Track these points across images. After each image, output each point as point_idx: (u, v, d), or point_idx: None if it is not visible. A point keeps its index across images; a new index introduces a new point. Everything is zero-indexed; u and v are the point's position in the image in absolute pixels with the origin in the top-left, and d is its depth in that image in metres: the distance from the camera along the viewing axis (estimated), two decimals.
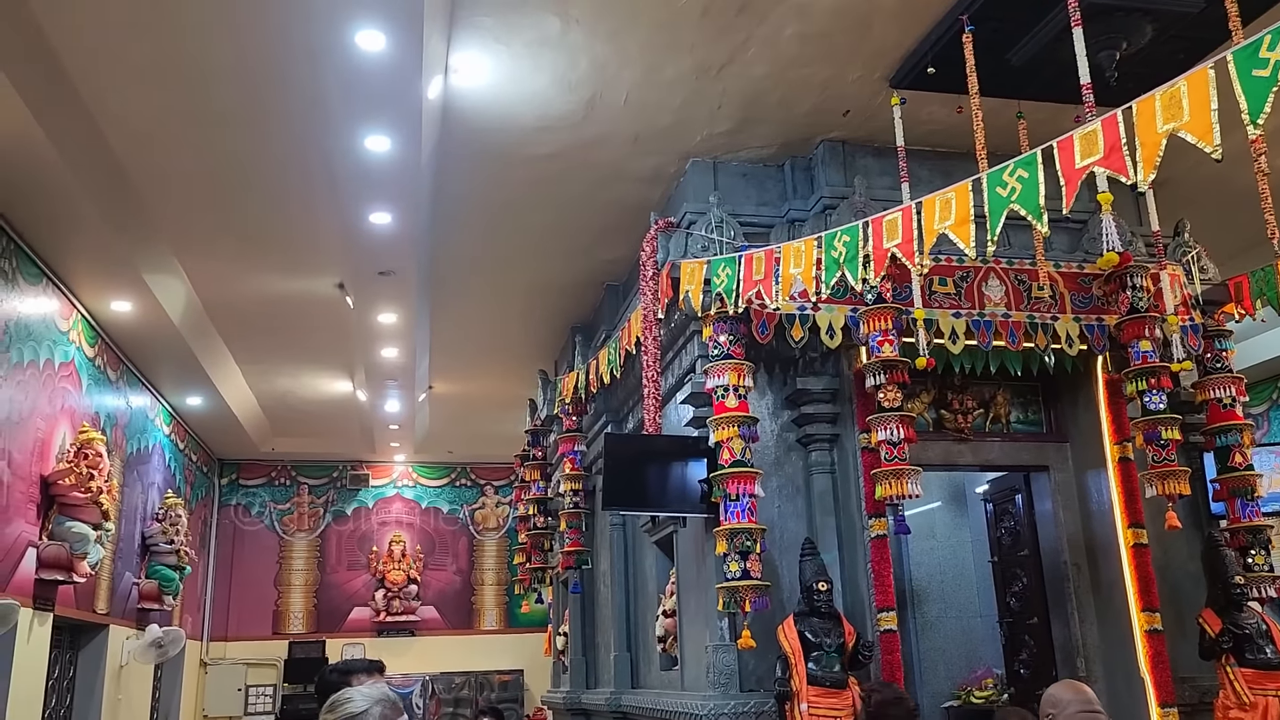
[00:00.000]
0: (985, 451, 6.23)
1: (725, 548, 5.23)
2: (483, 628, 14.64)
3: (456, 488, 15.17)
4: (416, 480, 15.06)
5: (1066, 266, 5.93)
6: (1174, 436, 5.52)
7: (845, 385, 5.82)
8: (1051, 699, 3.15)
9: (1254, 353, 10.31)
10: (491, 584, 14.85)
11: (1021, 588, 6.54)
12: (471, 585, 14.80)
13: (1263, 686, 5.40)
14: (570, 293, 8.72)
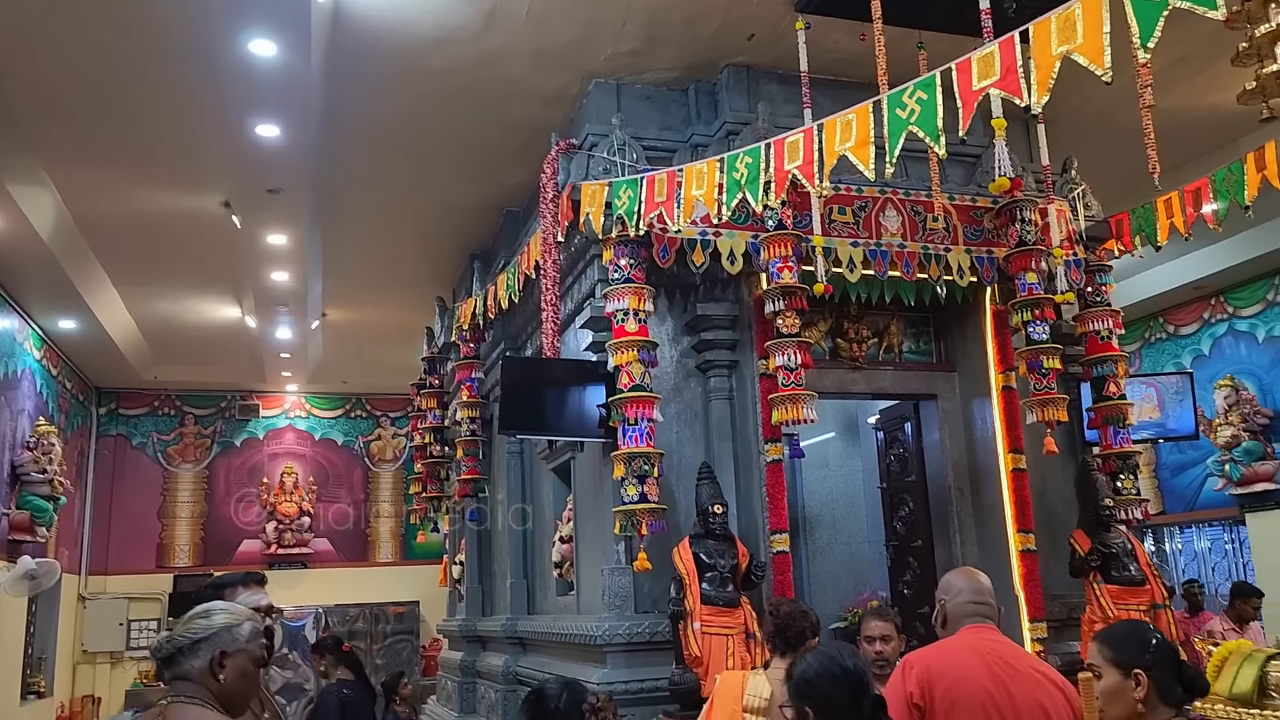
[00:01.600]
0: (878, 380, 6.37)
1: (623, 472, 5.25)
2: (378, 560, 14.51)
3: (351, 419, 14.87)
4: (309, 411, 14.70)
5: (960, 199, 6.04)
6: (1055, 366, 5.74)
7: (745, 312, 5.85)
8: (946, 584, 3.12)
9: (1129, 293, 10.79)
10: (387, 516, 14.69)
11: (908, 512, 6.76)
12: (367, 517, 14.62)
13: (1125, 602, 5.71)
14: (469, 218, 8.52)
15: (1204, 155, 7.42)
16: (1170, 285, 10.86)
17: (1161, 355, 11.58)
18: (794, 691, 2.24)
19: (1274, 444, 10.30)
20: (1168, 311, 11.61)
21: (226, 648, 2.21)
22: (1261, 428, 10.36)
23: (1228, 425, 10.51)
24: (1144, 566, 5.90)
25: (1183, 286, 10.83)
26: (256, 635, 2.29)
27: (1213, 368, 10.95)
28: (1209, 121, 7.23)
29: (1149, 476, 11.64)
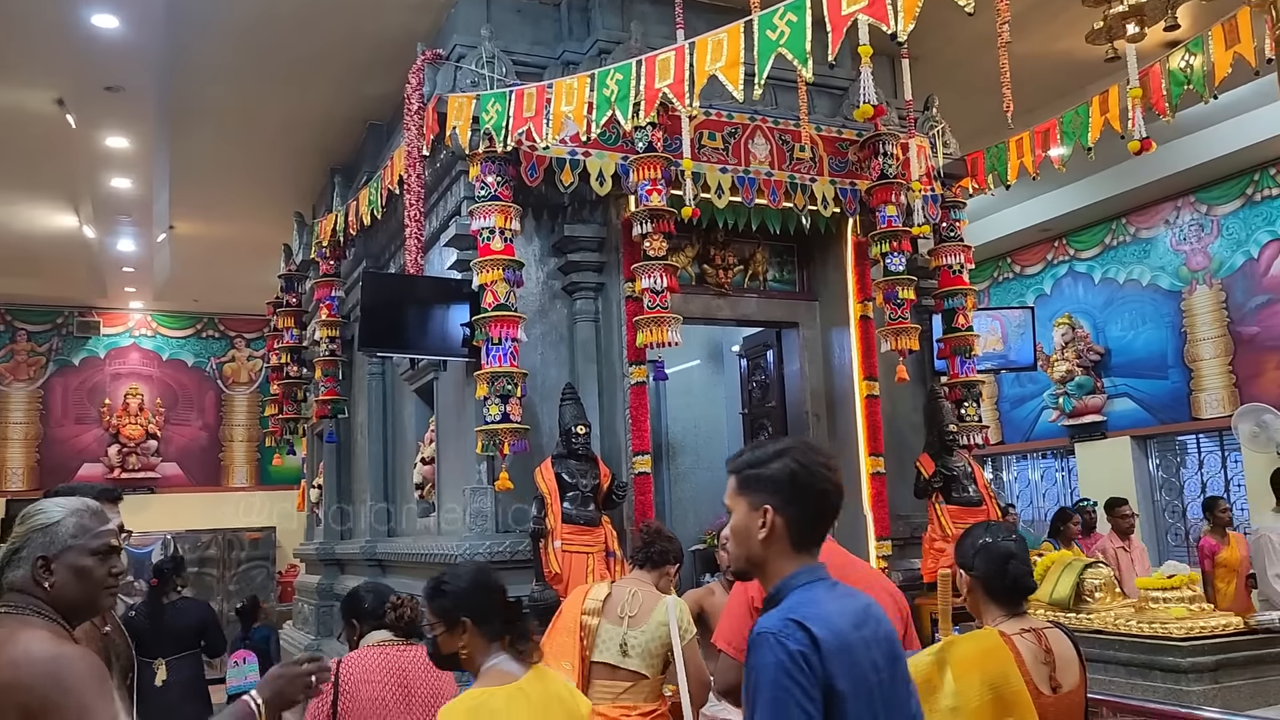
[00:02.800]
0: (743, 307, 6.47)
1: (486, 391, 5.20)
2: (232, 484, 14.05)
3: (203, 339, 14.22)
4: (157, 330, 13.98)
5: (827, 130, 6.13)
6: (909, 297, 5.96)
7: (613, 234, 5.83)
8: None
9: (981, 233, 11.27)
10: (241, 440, 14.20)
11: (767, 437, 6.93)
12: (220, 441, 14.10)
13: (964, 521, 6.01)
14: (330, 129, 8.16)
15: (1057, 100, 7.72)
16: (1018, 227, 11.41)
17: (1008, 294, 12.20)
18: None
19: (1103, 379, 11.05)
20: (1015, 252, 12.21)
21: (47, 551, 1.98)
22: (1093, 364, 11.09)
23: (1063, 361, 11.21)
24: (982, 489, 6.26)
25: (1030, 228, 11.39)
26: (85, 530, 2.03)
27: (1053, 306, 11.61)
28: (1063, 66, 7.52)
29: (991, 408, 12.33)
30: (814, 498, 1.79)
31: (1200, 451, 10.49)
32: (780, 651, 1.60)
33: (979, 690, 2.13)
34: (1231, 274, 9.82)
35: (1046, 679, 2.23)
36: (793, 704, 1.57)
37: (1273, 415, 8.78)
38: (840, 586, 1.81)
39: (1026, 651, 2.24)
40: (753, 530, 1.77)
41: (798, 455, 1.80)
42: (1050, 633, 2.34)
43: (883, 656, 1.72)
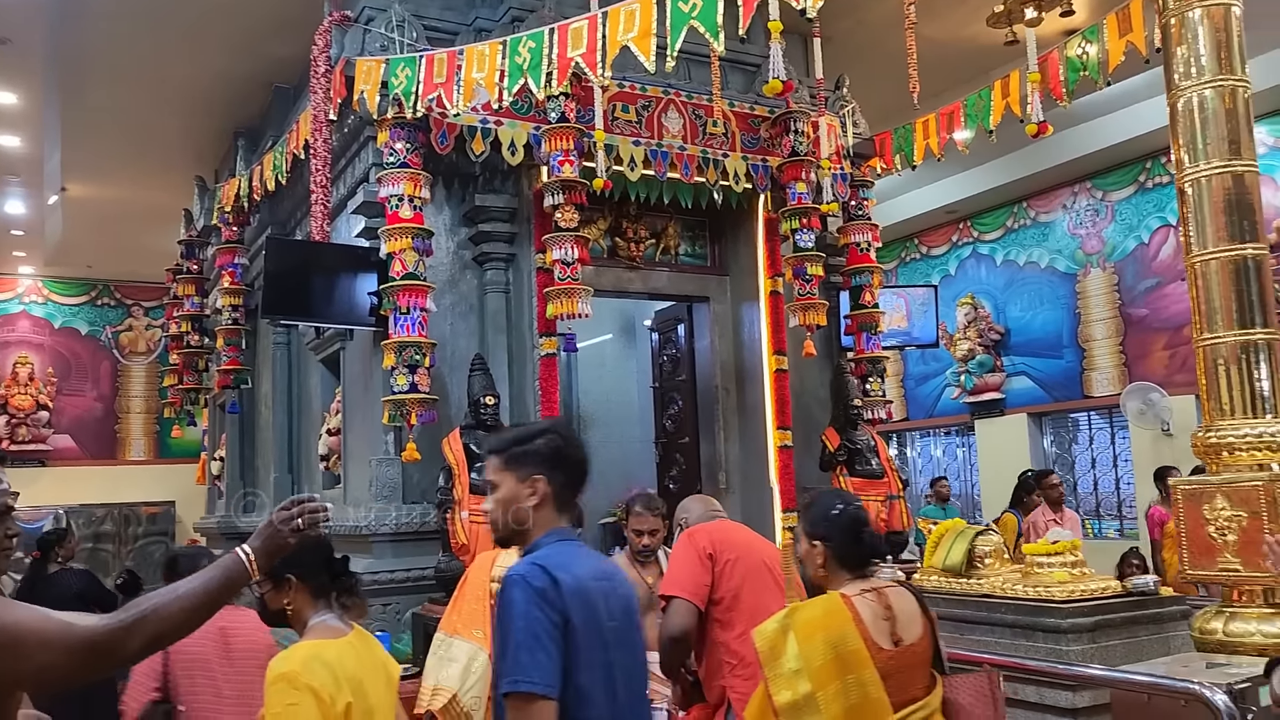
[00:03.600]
0: (654, 281, 6.51)
1: (393, 361, 5.14)
2: (129, 458, 13.58)
3: (98, 307, 13.68)
4: (48, 297, 13.39)
5: (740, 106, 6.18)
6: (817, 273, 6.07)
7: (524, 205, 5.79)
8: (684, 508, 3.64)
9: (890, 214, 11.51)
10: (139, 412, 13.73)
11: (677, 410, 7.02)
12: (115, 413, 13.60)
13: (866, 492, 6.21)
14: (234, 91, 7.90)
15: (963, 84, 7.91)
16: (925, 208, 11.68)
17: (915, 274, 12.49)
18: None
19: (1003, 358, 11.42)
20: (922, 233, 12.50)
21: None
22: (994, 343, 11.45)
23: (965, 339, 11.55)
24: (884, 461, 6.44)
25: (936, 210, 11.68)
26: None
27: (957, 286, 11.94)
28: (969, 51, 7.70)
29: (896, 385, 12.64)
30: (573, 468, 2.08)
31: (1091, 428, 10.95)
32: (528, 588, 1.86)
33: (821, 651, 2.28)
34: (1123, 258, 10.23)
35: (888, 634, 2.35)
36: (540, 628, 1.83)
37: (1158, 394, 9.21)
38: (585, 548, 2.10)
39: (866, 611, 2.36)
40: (522, 498, 2.02)
41: (559, 432, 2.10)
42: (891, 591, 2.45)
43: (618, 608, 2.01)
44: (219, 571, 1.83)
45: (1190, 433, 3.68)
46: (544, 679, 1.81)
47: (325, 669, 2.18)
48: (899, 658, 2.33)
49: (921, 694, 2.36)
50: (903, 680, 2.33)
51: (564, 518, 2.06)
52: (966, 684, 2.48)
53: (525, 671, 1.80)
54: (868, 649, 2.29)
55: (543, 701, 1.81)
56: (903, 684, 2.33)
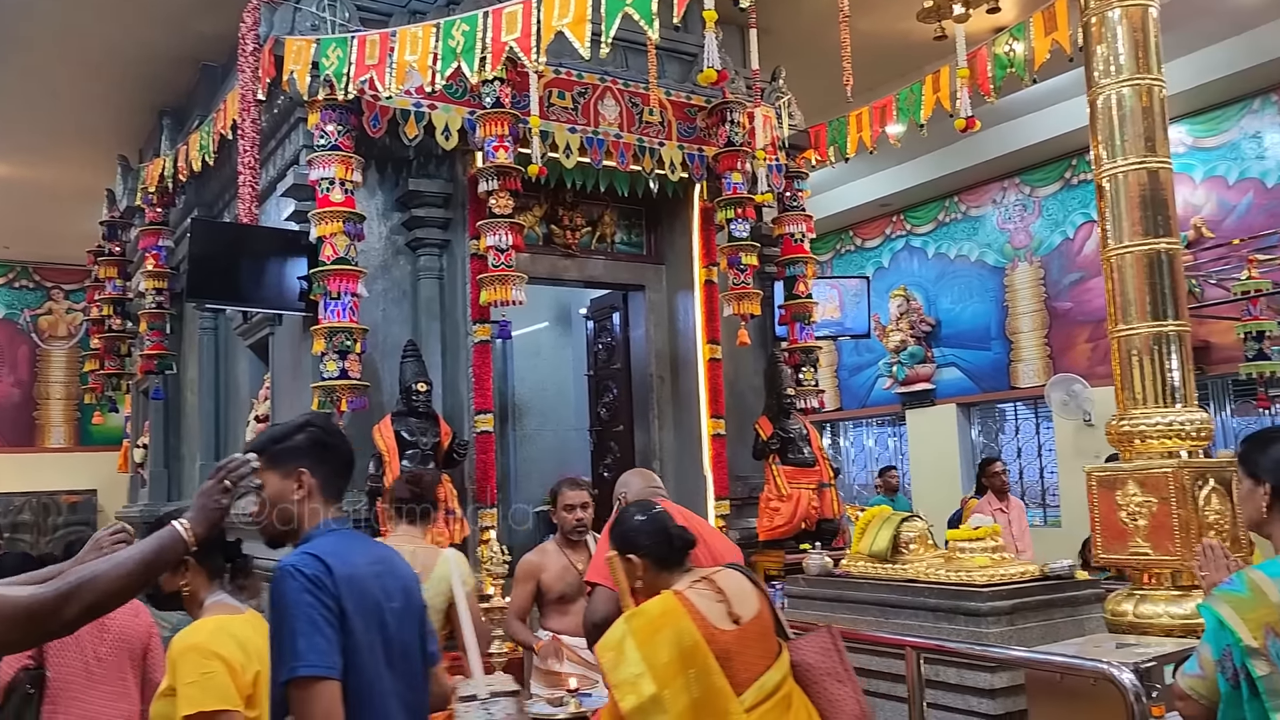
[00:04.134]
0: (590, 268, 6.50)
1: (323, 346, 5.06)
2: (48, 445, 13.16)
3: (15, 289, 13.20)
4: None
5: (676, 95, 6.19)
6: (752, 262, 6.12)
7: (459, 190, 5.74)
8: (624, 482, 3.57)
9: (825, 206, 11.64)
10: (59, 398, 13.30)
11: (612, 399, 7.03)
12: (34, 399, 13.16)
13: (798, 481, 6.29)
14: (160, 69, 7.68)
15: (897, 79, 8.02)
16: (860, 201, 11.84)
17: (849, 265, 12.65)
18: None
19: (934, 349, 11.64)
20: (857, 226, 12.67)
21: None
22: (925, 334, 11.66)
23: (898, 331, 11.74)
24: (816, 450, 6.52)
25: (870, 203, 11.84)
26: None
27: (890, 279, 12.12)
28: (902, 46, 7.79)
29: (831, 376, 12.81)
30: (337, 459, 2.09)
31: (1017, 418, 11.22)
32: (299, 577, 1.85)
33: (663, 650, 2.31)
34: (1049, 252, 10.48)
35: (725, 616, 2.42)
36: (316, 615, 1.83)
37: (1081, 385, 9.47)
38: (362, 536, 2.11)
39: (699, 600, 2.42)
40: (288, 494, 2.02)
41: (319, 424, 2.11)
42: (720, 575, 2.53)
43: (396, 591, 2.03)
44: (155, 542, 1.87)
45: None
46: (322, 660, 1.81)
47: (233, 640, 2.22)
48: (741, 635, 2.41)
49: (769, 663, 2.43)
50: (749, 656, 2.40)
51: (333, 508, 2.06)
52: (811, 644, 2.55)
53: (303, 656, 1.80)
54: (708, 636, 2.34)
55: (325, 683, 1.81)
56: (750, 660, 2.40)
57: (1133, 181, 3.41)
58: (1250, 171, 8.95)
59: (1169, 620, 3.24)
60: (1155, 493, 3.29)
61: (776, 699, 2.41)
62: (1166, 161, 3.44)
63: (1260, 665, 1.97)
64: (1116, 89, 3.45)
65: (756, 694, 2.38)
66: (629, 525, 2.60)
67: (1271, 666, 1.96)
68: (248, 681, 2.19)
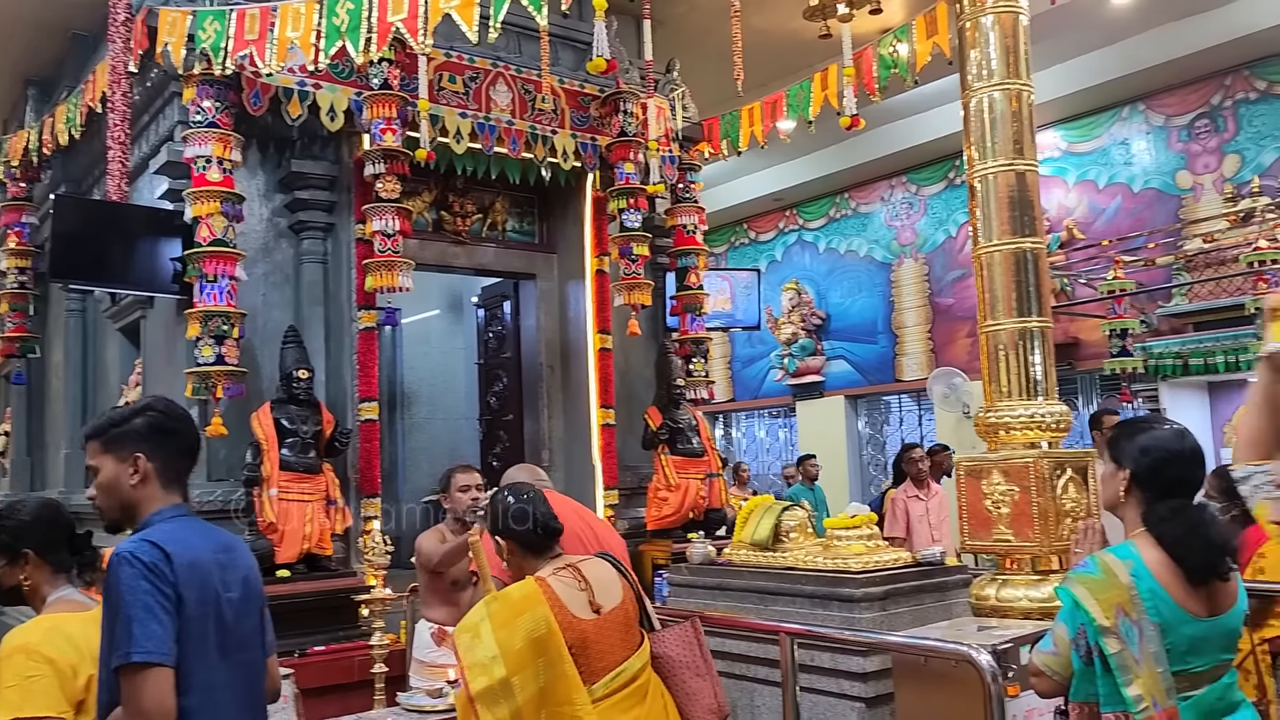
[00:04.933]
0: (480, 256, 6.43)
1: (198, 331, 4.88)
2: None
3: None
4: None
5: (570, 84, 6.16)
6: (643, 253, 6.14)
7: (344, 173, 5.60)
8: (509, 477, 3.49)
9: (721, 199, 11.77)
10: None
11: (502, 388, 6.98)
12: None
13: (687, 471, 6.35)
14: (25, 36, 7.25)
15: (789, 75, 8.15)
16: (755, 195, 12.01)
17: (744, 258, 12.84)
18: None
19: (824, 342, 11.91)
20: (751, 219, 12.86)
21: None
22: (815, 327, 11.92)
23: (789, 324, 11.97)
24: (705, 441, 6.59)
25: (764, 197, 12.03)
26: None
27: (783, 272, 12.35)
28: (795, 43, 7.92)
29: (724, 367, 12.98)
30: (178, 442, 2.06)
31: (901, 410, 11.57)
32: (136, 564, 1.84)
33: (519, 636, 2.34)
34: (933, 250, 10.83)
35: (586, 605, 2.46)
36: (152, 601, 1.82)
37: (961, 379, 9.81)
38: (203, 523, 2.08)
39: (560, 587, 2.46)
40: (124, 479, 1.99)
41: (158, 408, 2.06)
42: (587, 564, 2.58)
43: (236, 582, 2.02)
44: None
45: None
46: (157, 648, 1.80)
47: (67, 641, 2.14)
48: (601, 624, 2.45)
49: (628, 654, 2.47)
50: (608, 644, 2.44)
51: (175, 493, 2.04)
52: (673, 636, 2.59)
53: (137, 642, 1.79)
54: (566, 624, 2.37)
55: (158, 669, 1.80)
56: (608, 648, 2.44)
57: (1002, 183, 3.54)
58: (1119, 176, 9.40)
59: (1028, 604, 3.39)
60: (1017, 482, 3.43)
61: (631, 689, 2.45)
62: (1033, 165, 3.58)
63: (1112, 643, 2.07)
64: (988, 93, 3.58)
65: (609, 684, 2.41)
66: (499, 508, 2.61)
67: (1122, 644, 2.07)
68: (79, 687, 2.11)
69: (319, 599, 4.84)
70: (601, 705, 2.38)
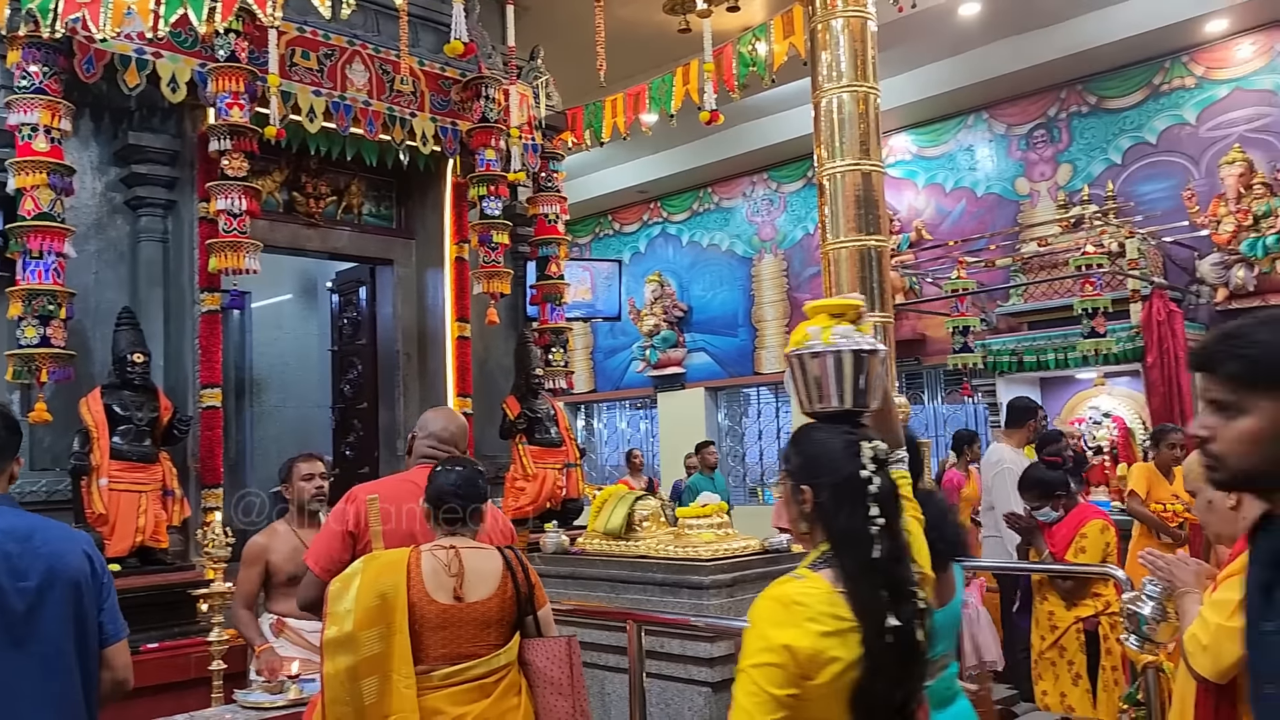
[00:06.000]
0: (334, 240, 6.24)
1: (21, 310, 4.57)
2: None
3: None
4: None
5: (430, 66, 6.04)
6: (503, 241, 6.08)
7: (187, 148, 5.34)
8: (424, 421, 3.30)
9: (586, 189, 11.78)
10: None
11: (356, 375, 6.80)
12: None
13: (544, 461, 6.34)
14: None
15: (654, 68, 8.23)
16: (620, 186, 12.08)
17: (608, 249, 12.89)
18: None
19: (685, 334, 12.08)
20: (616, 211, 12.92)
21: None
22: (677, 320, 12.08)
23: (651, 315, 12.10)
24: (563, 430, 6.59)
25: (629, 189, 12.11)
26: None
27: (647, 264, 12.46)
28: (660, 36, 7.98)
29: (586, 358, 13.01)
30: None
31: (760, 402, 11.86)
32: None
33: (372, 596, 2.45)
34: (792, 246, 11.13)
35: (449, 590, 2.50)
36: None
37: None
38: (11, 511, 2.13)
39: (427, 564, 2.51)
40: None
41: None
42: (475, 553, 2.59)
43: (34, 570, 2.04)
44: None
45: None
46: None
47: None
48: (454, 612, 2.48)
49: (484, 651, 2.50)
50: (461, 634, 2.47)
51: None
52: (545, 648, 2.62)
53: None
54: (416, 601, 2.45)
55: None
56: (460, 637, 2.47)
57: (849, 182, 3.66)
58: (964, 181, 9.87)
59: None
60: None
61: (475, 685, 2.47)
62: (879, 166, 3.72)
63: None
64: (837, 94, 3.69)
65: (448, 675, 2.44)
66: (431, 478, 2.68)
67: None
68: None
69: (153, 594, 4.61)
70: (438, 693, 2.41)
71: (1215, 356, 1.52)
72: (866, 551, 1.68)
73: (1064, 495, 4.55)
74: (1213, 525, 2.48)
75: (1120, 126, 8.92)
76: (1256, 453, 1.48)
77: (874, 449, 1.74)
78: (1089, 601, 4.33)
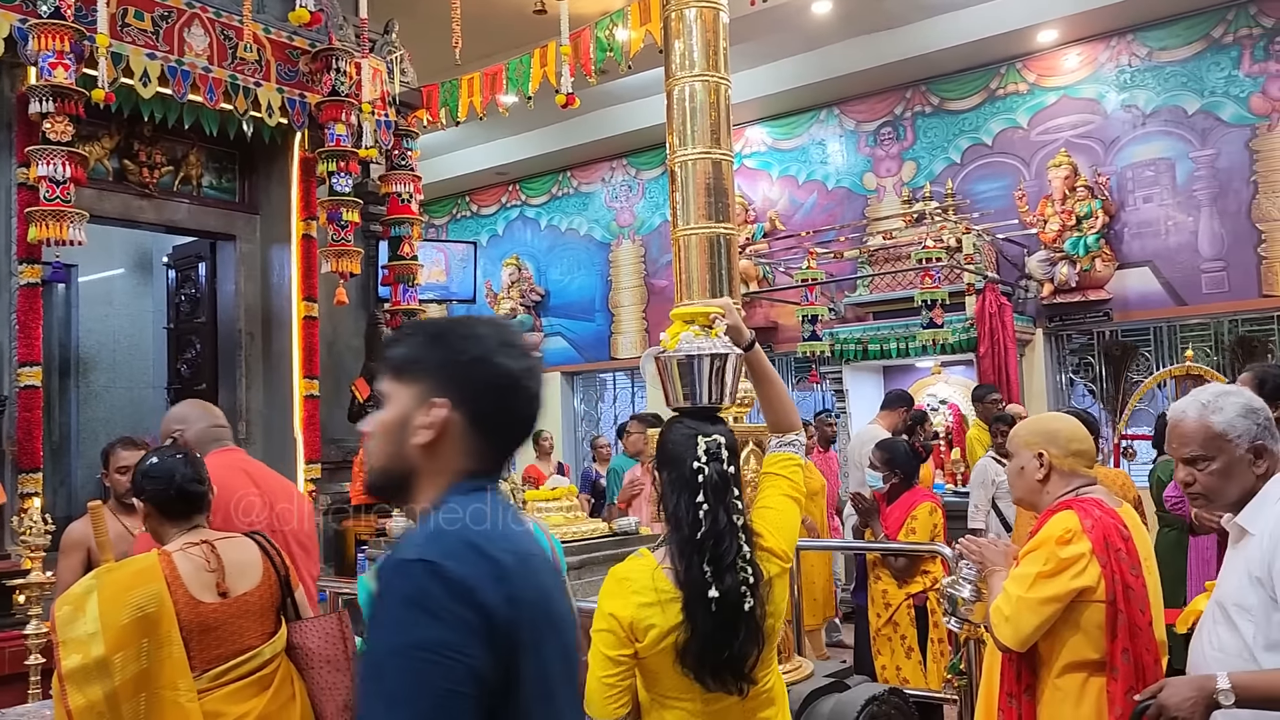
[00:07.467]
0: (171, 212, 5.93)
1: None
2: None
3: None
4: None
5: (277, 34, 5.79)
6: (353, 219, 5.90)
7: (4, 109, 4.97)
8: (180, 416, 3.17)
9: (443, 169, 11.58)
10: None
11: (195, 355, 6.50)
12: None
13: None
14: None
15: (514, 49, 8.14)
16: (478, 167, 11.91)
17: (465, 231, 12.70)
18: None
19: (543, 318, 12.04)
20: (474, 192, 12.74)
21: None
22: (535, 303, 12.02)
23: (508, 299, 12.00)
24: None
25: (487, 170, 11.96)
26: None
27: (505, 247, 12.35)
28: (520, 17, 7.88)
29: None
30: None
31: (615, 387, 11.94)
32: None
33: (126, 612, 2.23)
34: (650, 232, 11.23)
35: (212, 587, 2.38)
36: None
37: None
38: None
39: (185, 565, 2.36)
40: None
41: None
42: (227, 543, 2.49)
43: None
44: None
45: None
46: None
47: None
48: (225, 609, 2.37)
49: (257, 642, 2.41)
50: (232, 630, 2.37)
51: None
52: (315, 628, 2.53)
53: None
54: (183, 605, 2.29)
55: None
56: (232, 634, 2.36)
57: (699, 170, 3.71)
58: (816, 174, 10.18)
59: None
60: None
61: (254, 679, 2.37)
62: (729, 154, 3.79)
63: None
64: (690, 83, 3.74)
65: (227, 672, 2.33)
66: (142, 469, 2.44)
67: None
68: None
69: None
70: (214, 694, 2.28)
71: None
72: (692, 532, 1.93)
73: (901, 474, 4.76)
74: (1018, 490, 2.60)
75: (960, 127, 9.37)
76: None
77: (710, 443, 1.99)
78: (919, 579, 4.57)
